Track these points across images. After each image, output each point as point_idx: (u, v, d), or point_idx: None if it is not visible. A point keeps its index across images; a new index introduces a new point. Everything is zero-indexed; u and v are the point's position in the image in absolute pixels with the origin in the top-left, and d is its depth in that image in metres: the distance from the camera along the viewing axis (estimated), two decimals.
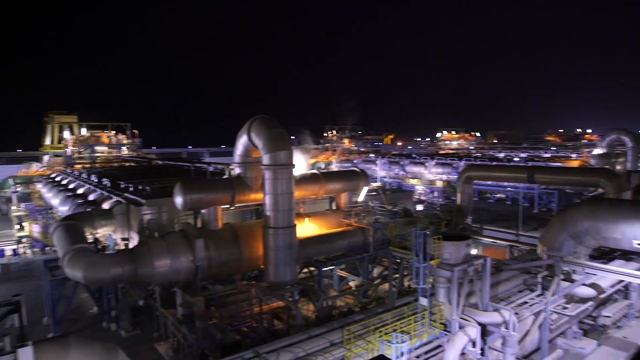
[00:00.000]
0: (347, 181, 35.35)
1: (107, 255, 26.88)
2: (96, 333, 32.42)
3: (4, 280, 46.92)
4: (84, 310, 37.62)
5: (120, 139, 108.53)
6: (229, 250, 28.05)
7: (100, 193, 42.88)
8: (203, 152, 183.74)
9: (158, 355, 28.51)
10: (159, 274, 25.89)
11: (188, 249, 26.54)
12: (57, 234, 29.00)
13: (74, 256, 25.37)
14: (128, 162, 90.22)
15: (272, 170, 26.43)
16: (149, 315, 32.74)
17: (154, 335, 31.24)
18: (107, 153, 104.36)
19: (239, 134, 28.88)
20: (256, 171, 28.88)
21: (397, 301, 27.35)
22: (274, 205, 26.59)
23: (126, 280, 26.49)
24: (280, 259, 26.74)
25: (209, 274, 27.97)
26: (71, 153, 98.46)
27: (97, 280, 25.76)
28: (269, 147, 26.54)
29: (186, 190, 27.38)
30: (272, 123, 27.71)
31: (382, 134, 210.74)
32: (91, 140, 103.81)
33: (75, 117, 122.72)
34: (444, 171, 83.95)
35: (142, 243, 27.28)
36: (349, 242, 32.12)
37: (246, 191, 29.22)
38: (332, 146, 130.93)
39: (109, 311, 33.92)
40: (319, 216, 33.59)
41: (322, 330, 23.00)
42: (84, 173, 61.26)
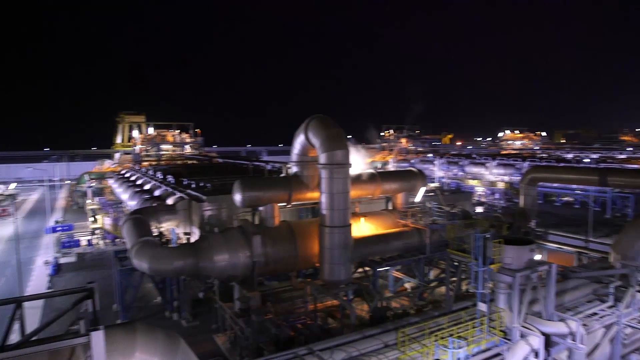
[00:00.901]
0: (403, 181, 34.80)
1: (170, 249, 28.20)
2: (159, 322, 34.12)
3: (80, 268, 50.51)
4: (149, 299, 39.69)
5: (183, 137, 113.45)
6: (285, 247, 28.50)
7: (165, 189, 45.03)
8: (261, 151, 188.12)
9: (216, 346, 29.49)
10: (218, 268, 26.80)
11: (246, 245, 27.25)
12: (126, 227, 30.76)
13: (141, 248, 26.82)
14: (191, 160, 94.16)
15: (329, 169, 26.54)
16: (209, 307, 33.96)
17: (212, 326, 32.36)
18: (172, 151, 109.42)
19: (296, 133, 29.25)
20: (313, 170, 29.12)
21: (454, 305, 26.55)
22: (330, 204, 26.70)
23: (187, 273, 27.65)
24: (335, 258, 26.81)
25: (266, 270, 28.57)
26: (139, 151, 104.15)
27: (160, 272, 27.14)
28: (326, 146, 26.67)
29: (245, 188, 28.14)
30: (329, 122, 27.82)
31: (441, 134, 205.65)
32: (157, 139, 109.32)
33: (143, 117, 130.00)
34: (506, 172, 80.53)
35: (203, 238, 28.34)
36: (404, 243, 31.63)
37: (303, 190, 29.55)
38: (389, 145, 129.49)
39: (172, 301, 35.58)
40: (374, 216, 33.33)
41: (376, 331, 22.78)
42: (151, 170, 64.67)
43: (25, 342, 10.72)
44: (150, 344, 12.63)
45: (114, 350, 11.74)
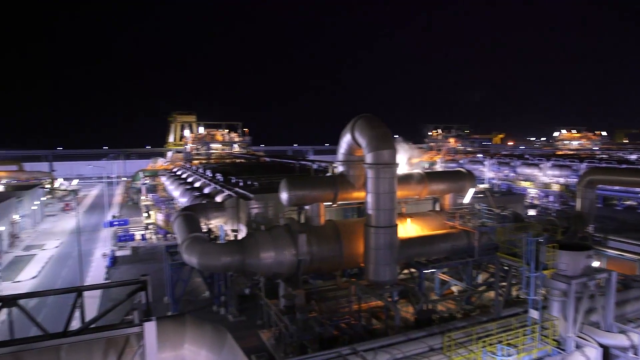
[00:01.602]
0: (452, 182, 34.00)
1: (218, 245, 28.98)
2: (207, 315, 35.14)
3: (134, 261, 52.90)
4: (197, 293, 40.98)
5: (232, 137, 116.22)
6: (330, 246, 28.57)
7: (214, 187, 46.30)
8: (308, 150, 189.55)
9: (261, 342, 30.01)
10: (264, 265, 27.25)
11: (291, 243, 27.55)
12: (176, 223, 31.89)
13: (191, 244, 27.73)
14: (239, 159, 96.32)
15: (375, 169, 26.36)
16: (254, 303, 34.61)
17: (257, 322, 32.96)
18: (221, 150, 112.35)
19: (342, 132, 29.24)
20: (359, 169, 29.01)
21: (503, 311, 25.67)
22: (375, 204, 26.51)
23: (234, 269, 28.31)
24: (381, 258, 26.59)
25: (310, 269, 28.76)
26: (190, 150, 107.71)
27: (209, 267, 27.94)
28: (373, 145, 26.50)
29: (291, 187, 28.45)
30: (376, 122, 27.62)
31: (492, 133, 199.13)
32: (207, 138, 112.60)
33: (195, 117, 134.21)
34: (561, 174, 76.90)
35: (250, 235, 28.91)
36: (452, 245, 30.90)
37: (349, 189, 29.51)
38: (437, 145, 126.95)
39: (219, 296, 36.56)
40: (421, 217, 32.77)
41: (421, 333, 22.41)
42: (201, 168, 66.68)
43: (85, 329, 11.35)
44: (198, 337, 13.03)
45: (164, 340, 12.21)
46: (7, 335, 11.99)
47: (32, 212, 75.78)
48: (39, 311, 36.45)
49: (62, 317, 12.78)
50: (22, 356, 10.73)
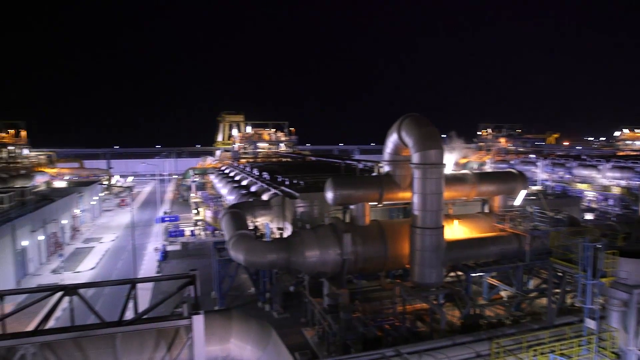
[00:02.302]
0: (502, 183, 32.87)
1: (264, 242, 29.47)
2: (252, 311, 35.83)
3: (183, 256, 54.77)
4: (243, 289, 41.86)
5: (279, 136, 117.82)
6: (375, 246, 28.38)
7: (260, 185, 47.11)
8: (353, 150, 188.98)
9: (304, 339, 30.26)
10: (309, 264, 27.45)
11: (336, 242, 27.59)
12: (224, 220, 32.71)
13: (237, 241, 28.37)
14: (285, 158, 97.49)
15: (422, 169, 25.92)
16: (299, 301, 34.94)
17: (301, 320, 33.25)
18: (267, 149, 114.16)
19: (389, 132, 28.97)
20: (405, 170, 28.64)
21: (556, 319, 24.54)
22: (422, 205, 26.08)
23: (279, 267, 28.71)
24: (426, 260, 26.13)
25: (355, 268, 28.69)
26: (238, 149, 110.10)
27: (255, 264, 28.48)
28: (419, 145, 26.08)
29: (336, 186, 28.49)
30: (423, 121, 27.16)
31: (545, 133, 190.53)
32: (254, 137, 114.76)
33: (242, 117, 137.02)
34: (622, 176, 72.42)
35: (295, 234, 29.21)
36: (501, 249, 29.88)
37: (394, 189, 29.20)
38: (487, 145, 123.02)
39: (264, 293, 37.18)
40: (469, 219, 31.90)
41: (467, 339, 21.82)
42: (248, 167, 68.07)
43: (138, 320, 11.87)
44: (244, 332, 13.30)
45: (212, 334, 12.56)
46: (69, 321, 12.75)
47: (91, 207, 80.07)
48: (97, 300, 38.47)
49: (117, 306, 13.44)
50: (82, 342, 11.37)
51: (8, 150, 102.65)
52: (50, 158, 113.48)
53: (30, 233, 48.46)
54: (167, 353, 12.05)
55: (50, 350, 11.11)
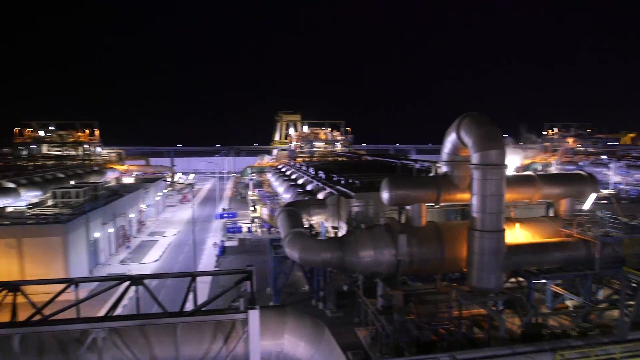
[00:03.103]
0: (569, 186, 31.05)
1: (319, 241, 29.69)
2: (306, 308, 36.21)
3: (240, 252, 56.37)
4: (298, 286, 42.41)
5: (335, 135, 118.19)
6: (431, 248, 27.79)
7: (316, 184, 47.51)
8: (410, 149, 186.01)
9: (357, 339, 30.18)
10: (363, 264, 27.35)
11: (391, 243, 27.29)
12: (280, 218, 33.29)
13: (293, 238, 28.78)
14: (340, 157, 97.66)
15: (482, 169, 25.04)
16: (352, 300, 34.89)
17: (354, 320, 33.19)
18: (323, 148, 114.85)
19: (447, 131, 28.24)
20: (464, 170, 27.80)
21: (629, 334, 22.85)
22: (481, 207, 25.19)
23: (334, 265, 28.81)
24: (485, 264, 25.22)
25: (410, 270, 28.25)
26: (294, 148, 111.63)
27: (309, 262, 28.77)
28: (479, 145, 25.20)
29: (392, 186, 28.17)
30: (484, 120, 26.22)
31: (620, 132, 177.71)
32: (310, 137, 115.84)
33: (299, 116, 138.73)
34: None
35: (350, 233, 29.20)
36: (567, 255, 28.23)
37: (452, 190, 28.43)
38: (553, 146, 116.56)
39: (318, 291, 37.47)
40: (532, 222, 30.42)
41: (528, 348, 20.88)
42: (304, 166, 68.84)
43: (197, 311, 12.36)
44: (298, 328, 13.48)
45: (266, 329, 12.83)
46: (134, 309, 13.51)
47: (155, 202, 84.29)
48: (160, 291, 40.45)
49: (178, 297, 14.07)
50: (146, 329, 12.02)
51: (83, 148, 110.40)
52: (120, 156, 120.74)
53: (101, 226, 51.81)
54: (224, 345, 12.45)
55: (117, 336, 11.84)
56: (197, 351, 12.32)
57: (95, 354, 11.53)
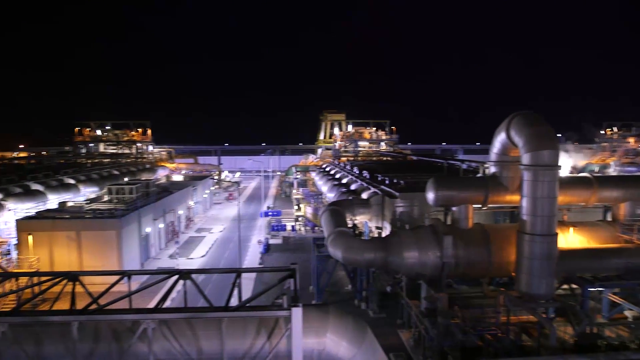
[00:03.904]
0: (629, 188, 29.27)
1: (362, 241, 29.58)
2: (348, 308, 36.15)
3: (284, 250, 57.08)
4: (340, 286, 42.44)
5: (379, 135, 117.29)
6: (478, 251, 27.03)
7: (360, 184, 47.34)
8: (457, 149, 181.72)
9: (400, 341, 29.86)
10: (407, 265, 26.99)
11: (436, 245, 26.78)
12: (324, 217, 33.42)
13: (336, 238, 28.81)
14: (385, 157, 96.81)
15: (533, 170, 24.07)
16: (395, 302, 34.54)
17: (397, 321, 32.83)
18: (368, 147, 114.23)
19: (496, 130, 27.37)
20: (514, 171, 26.85)
21: None
22: (532, 210, 24.23)
23: (377, 266, 28.60)
24: (535, 269, 24.24)
25: (455, 273, 27.62)
26: (339, 147, 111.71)
27: (352, 261, 28.71)
28: (531, 145, 24.24)
29: (438, 187, 27.62)
30: (536, 119, 25.20)
31: None
32: (355, 136, 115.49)
33: (344, 116, 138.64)
34: None
35: (394, 233, 28.90)
36: (626, 263, 26.66)
37: (501, 192, 27.53)
38: (612, 146, 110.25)
39: (361, 291, 37.35)
40: (587, 227, 28.94)
41: (582, 359, 19.86)
42: (348, 165, 68.73)
43: (242, 307, 12.63)
44: (340, 328, 13.48)
45: (309, 327, 12.91)
46: (182, 303, 13.99)
47: (203, 199, 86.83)
48: (206, 285, 41.65)
49: (222, 292, 14.43)
50: (193, 322, 12.41)
51: (136, 147, 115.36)
52: (170, 154, 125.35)
53: (152, 221, 53.97)
54: (267, 341, 12.65)
55: (166, 327, 12.29)
56: (241, 346, 12.59)
57: (145, 344, 12.03)
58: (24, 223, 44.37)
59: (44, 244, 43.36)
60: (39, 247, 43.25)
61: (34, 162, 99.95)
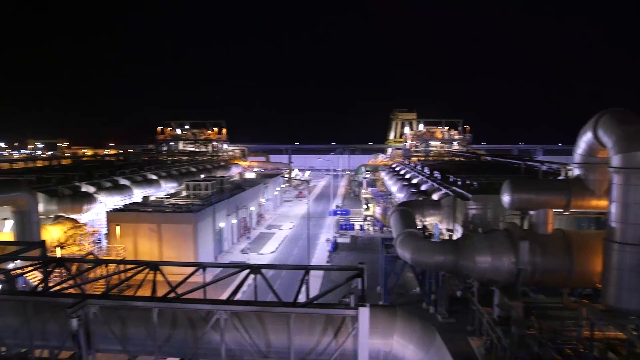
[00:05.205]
0: None
1: (432, 243, 28.84)
2: (416, 311, 35.47)
3: (352, 249, 57.12)
4: (408, 288, 41.69)
5: (452, 134, 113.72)
6: (558, 259, 25.34)
7: (431, 184, 46.19)
8: (536, 150, 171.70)
9: (469, 349, 28.78)
10: (479, 270, 25.92)
11: (511, 250, 25.47)
12: (393, 217, 32.99)
13: (405, 239, 28.33)
14: (458, 157, 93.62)
15: (624, 173, 22.11)
16: (465, 307, 33.35)
17: (467, 328, 31.68)
18: (440, 147, 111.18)
19: (581, 130, 25.47)
20: (601, 174, 24.86)
21: None
22: (622, 216, 22.27)
23: (447, 269, 27.74)
24: (625, 281, 22.26)
25: (531, 280, 26.11)
26: (409, 147, 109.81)
27: (421, 263, 28.07)
28: (622, 145, 22.27)
29: (515, 189, 26.26)
30: (628, 117, 23.11)
31: None
32: (426, 136, 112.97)
33: (415, 115, 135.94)
34: None
35: (466, 237, 27.87)
36: None
37: (585, 196, 25.59)
38: None
39: (429, 294, 36.44)
40: None
41: None
42: (419, 165, 67.32)
43: (309, 303, 12.79)
44: (408, 331, 13.23)
45: (376, 327, 12.80)
46: (252, 296, 14.47)
47: (274, 197, 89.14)
48: (275, 280, 42.77)
49: (290, 288, 14.73)
50: (262, 316, 12.78)
51: (212, 145, 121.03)
52: (243, 152, 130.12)
53: (226, 216, 56.31)
54: (334, 339, 12.71)
55: (237, 319, 12.75)
56: (308, 342, 12.75)
57: (218, 333, 12.57)
58: (113, 215, 48.21)
59: (129, 234, 46.86)
60: (125, 237, 46.81)
61: (122, 159, 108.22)
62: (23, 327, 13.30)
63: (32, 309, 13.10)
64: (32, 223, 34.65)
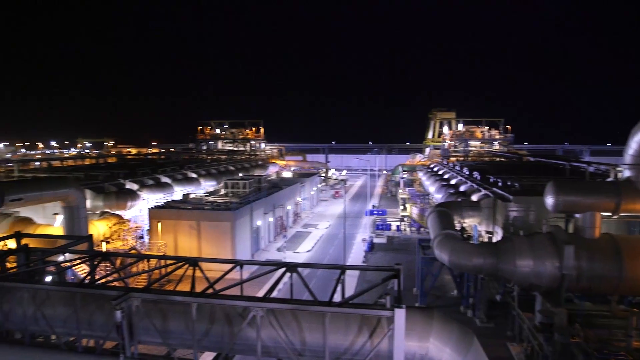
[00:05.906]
0: None
1: (471, 245, 28.16)
2: (453, 314, 34.73)
3: (388, 250, 56.61)
4: (445, 290, 40.92)
5: (492, 134, 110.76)
6: (606, 264, 24.20)
7: (470, 185, 45.18)
8: (582, 150, 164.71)
9: (509, 355, 27.97)
10: (520, 274, 25.12)
11: (554, 254, 24.54)
12: (431, 218, 32.47)
13: (443, 240, 27.81)
14: (498, 157, 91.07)
15: None
16: (504, 311, 32.42)
17: (507, 333, 30.77)
18: (479, 147, 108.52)
19: (633, 129, 24.28)
20: None
21: None
22: None
23: (486, 272, 27.03)
24: None
25: (576, 287, 25.04)
26: (448, 146, 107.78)
27: (459, 266, 27.46)
28: None
29: (559, 191, 25.28)
30: None
31: None
32: (466, 135, 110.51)
33: (454, 114, 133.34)
34: None
35: (506, 239, 27.08)
36: None
37: (637, 199, 24.35)
38: None
39: (467, 297, 35.62)
40: None
41: None
42: (458, 165, 65.98)
43: (345, 303, 12.78)
44: (445, 333, 12.99)
45: (412, 329, 12.64)
46: (288, 294, 14.59)
47: (310, 196, 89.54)
48: (311, 279, 42.95)
49: (326, 287, 14.76)
50: (298, 314, 12.87)
51: (250, 144, 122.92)
52: (281, 152, 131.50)
53: (263, 215, 57.05)
54: (369, 340, 12.64)
55: (273, 316, 12.90)
56: (343, 342, 12.73)
57: (254, 330, 12.76)
58: (155, 211, 49.78)
59: (170, 231, 48.26)
60: (166, 233, 48.25)
61: (163, 157, 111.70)
62: (71, 317, 13.95)
63: (80, 300, 13.73)
64: (80, 218, 36.26)
